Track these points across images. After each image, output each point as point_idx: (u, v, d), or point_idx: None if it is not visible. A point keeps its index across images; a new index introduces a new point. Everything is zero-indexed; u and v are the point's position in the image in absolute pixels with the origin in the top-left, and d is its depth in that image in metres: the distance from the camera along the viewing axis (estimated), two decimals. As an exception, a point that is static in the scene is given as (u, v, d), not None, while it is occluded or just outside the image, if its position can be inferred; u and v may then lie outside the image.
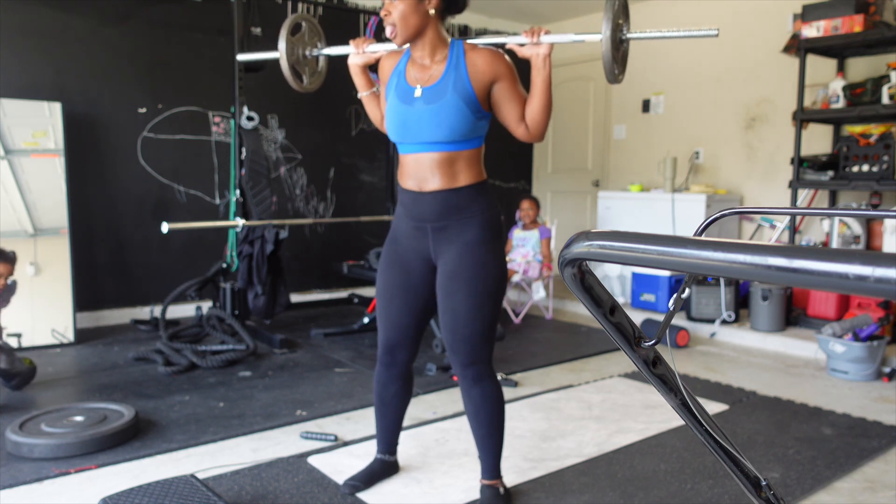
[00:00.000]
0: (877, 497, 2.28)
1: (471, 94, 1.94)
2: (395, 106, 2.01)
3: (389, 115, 2.04)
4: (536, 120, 1.99)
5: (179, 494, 2.02)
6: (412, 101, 1.98)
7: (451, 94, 1.94)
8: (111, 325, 4.67)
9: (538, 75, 1.95)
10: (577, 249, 0.68)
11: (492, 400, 2.09)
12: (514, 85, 1.99)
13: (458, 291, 2.00)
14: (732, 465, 1.02)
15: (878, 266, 0.47)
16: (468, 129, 1.97)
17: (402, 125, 1.99)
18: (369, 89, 2.25)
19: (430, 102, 1.95)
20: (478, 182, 2.05)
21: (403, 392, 2.25)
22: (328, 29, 5.54)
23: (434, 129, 1.95)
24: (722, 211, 0.77)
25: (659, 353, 0.92)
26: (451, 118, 1.93)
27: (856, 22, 4.13)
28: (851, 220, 4.36)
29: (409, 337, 2.15)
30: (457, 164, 2.00)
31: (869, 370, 3.58)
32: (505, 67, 1.97)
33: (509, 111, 2.00)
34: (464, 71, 1.96)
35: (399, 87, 2.03)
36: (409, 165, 2.04)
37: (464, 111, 1.94)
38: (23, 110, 4.15)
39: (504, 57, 1.99)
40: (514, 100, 1.99)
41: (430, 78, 1.99)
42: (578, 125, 6.74)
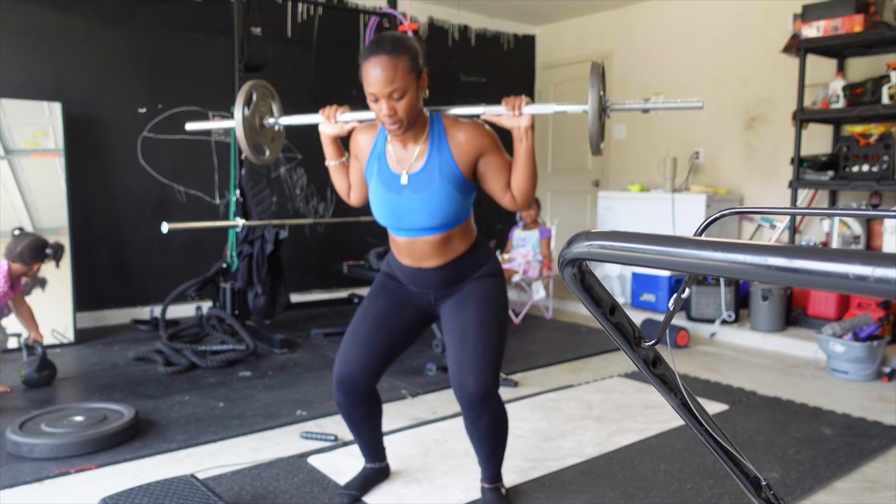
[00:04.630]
0: (877, 497, 2.28)
1: (458, 175, 1.90)
2: (383, 195, 1.95)
3: (377, 203, 1.98)
4: (522, 190, 1.94)
5: (179, 494, 2.02)
6: (400, 190, 1.93)
7: (439, 181, 1.89)
8: (111, 325, 4.67)
9: (520, 146, 1.90)
10: (577, 249, 0.68)
11: (500, 424, 2.03)
12: (498, 157, 1.93)
13: (467, 310, 2.00)
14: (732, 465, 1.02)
15: (878, 266, 0.47)
16: (460, 209, 1.94)
17: (393, 215, 1.95)
18: (339, 159, 2.14)
19: (419, 191, 1.91)
20: (473, 244, 2.05)
21: (372, 410, 2.15)
22: (329, 29, 5.57)
23: (427, 218, 1.92)
24: (722, 211, 0.77)
25: (659, 353, 0.92)
26: (442, 206, 1.90)
27: (856, 22, 4.12)
28: (851, 220, 4.36)
29: (373, 368, 2.05)
30: (452, 240, 1.98)
31: (869, 370, 3.58)
32: (488, 141, 1.91)
33: (495, 183, 1.95)
34: (447, 152, 1.90)
35: (383, 173, 1.96)
36: (403, 245, 2.01)
37: (454, 195, 1.91)
38: (23, 110, 4.15)
39: (485, 129, 1.93)
40: (500, 172, 1.94)
41: (415, 163, 1.92)
42: (578, 125, 6.74)
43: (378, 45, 1.78)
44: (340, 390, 2.05)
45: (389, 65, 1.76)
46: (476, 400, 1.92)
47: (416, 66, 1.81)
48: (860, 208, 4.38)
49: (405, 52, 1.78)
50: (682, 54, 5.78)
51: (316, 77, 5.52)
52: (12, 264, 3.21)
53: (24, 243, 3.23)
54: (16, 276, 3.25)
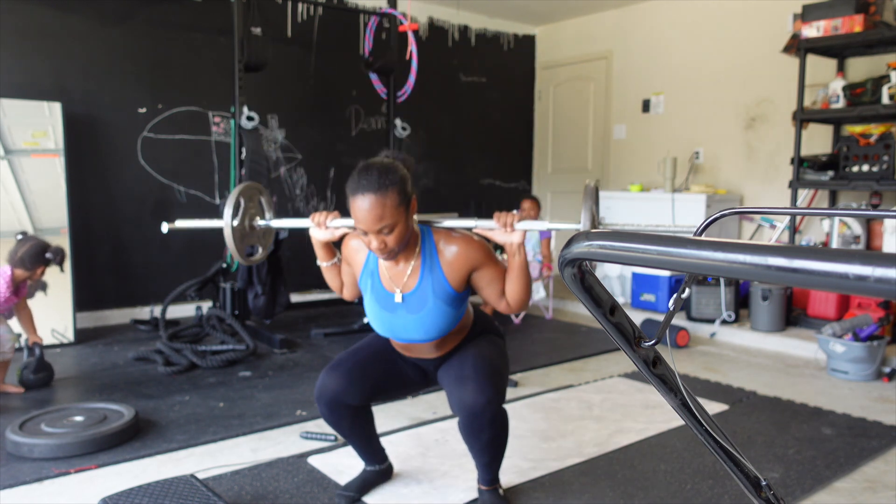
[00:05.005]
0: (877, 497, 2.28)
1: (450, 292, 1.92)
2: (378, 312, 1.99)
3: (372, 318, 2.01)
4: (518, 299, 1.95)
5: (179, 494, 2.02)
6: (394, 309, 1.96)
7: (433, 300, 1.91)
8: (111, 325, 4.67)
9: (514, 261, 1.92)
10: (577, 249, 0.68)
11: (500, 438, 2.00)
12: (491, 269, 1.94)
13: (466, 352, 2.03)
14: (732, 465, 1.02)
15: (878, 266, 0.47)
16: (454, 321, 1.98)
17: (390, 330, 2.01)
18: (330, 260, 2.14)
19: (413, 312, 1.94)
20: (469, 330, 2.10)
21: (361, 421, 2.14)
22: (329, 29, 5.57)
23: (423, 334, 1.97)
24: (722, 211, 0.77)
25: (659, 353, 0.92)
26: (437, 324, 1.94)
27: (856, 22, 4.12)
28: (851, 220, 4.36)
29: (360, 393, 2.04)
30: (450, 337, 2.05)
31: (869, 370, 3.58)
32: (480, 255, 1.92)
33: (490, 293, 1.97)
34: (439, 270, 1.92)
35: (376, 290, 1.98)
36: (401, 346, 2.09)
37: (448, 312, 1.94)
38: (23, 110, 4.15)
39: (475, 242, 1.94)
40: (494, 281, 1.95)
41: (408, 282, 1.94)
42: (578, 125, 6.74)
43: (365, 179, 1.77)
44: (321, 402, 2.04)
45: (377, 203, 1.75)
46: (477, 410, 1.87)
47: (405, 197, 1.81)
48: (860, 208, 4.38)
49: (392, 186, 1.77)
50: (682, 54, 5.77)
51: (316, 77, 5.52)
52: (15, 270, 3.20)
53: (25, 248, 3.22)
54: (19, 282, 3.24)
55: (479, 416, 1.89)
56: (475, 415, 1.88)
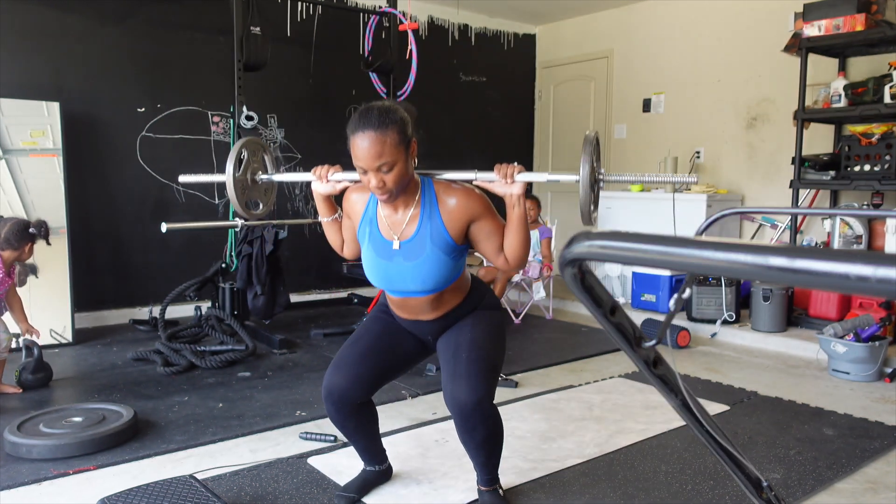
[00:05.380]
0: (878, 498, 2.27)
1: (449, 242, 1.91)
2: (374, 260, 1.97)
3: (369, 268, 2.00)
4: (516, 254, 1.94)
5: (178, 495, 2.02)
6: (391, 257, 1.94)
7: (431, 248, 1.90)
8: (110, 326, 4.67)
9: (513, 213, 1.90)
10: (578, 249, 0.67)
11: (495, 436, 2.01)
12: (490, 221, 1.93)
13: (462, 333, 2.02)
14: (733, 465, 1.01)
15: (879, 266, 0.46)
16: (452, 273, 1.96)
17: (386, 279, 1.98)
18: (331, 215, 2.13)
19: (411, 259, 1.92)
20: (467, 294, 2.07)
21: (366, 419, 2.14)
22: (328, 28, 5.56)
23: (419, 284, 1.94)
24: (723, 211, 0.76)
25: (659, 354, 0.91)
26: (434, 273, 1.92)
27: (857, 21, 4.12)
28: (853, 220, 4.35)
29: (362, 389, 2.04)
30: (445, 296, 2.00)
31: (870, 371, 3.57)
32: (480, 207, 1.92)
33: (488, 247, 1.95)
34: (438, 219, 1.91)
35: (374, 238, 1.97)
36: (397, 302, 2.05)
37: (445, 261, 1.92)
38: (21, 110, 4.14)
39: (476, 194, 1.93)
40: (492, 235, 1.94)
41: (406, 228, 1.93)
42: (579, 125, 6.73)
43: (366, 118, 1.77)
44: (329, 401, 2.04)
45: (377, 140, 1.75)
46: (469, 410, 1.89)
47: (405, 137, 1.80)
48: (862, 208, 4.38)
49: (393, 124, 1.77)
50: (683, 54, 5.77)
51: (315, 76, 5.52)
52: (2, 252, 3.18)
53: (6, 228, 3.18)
54: (9, 263, 3.22)
55: (472, 415, 1.90)
56: (467, 414, 1.90)
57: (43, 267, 4.08)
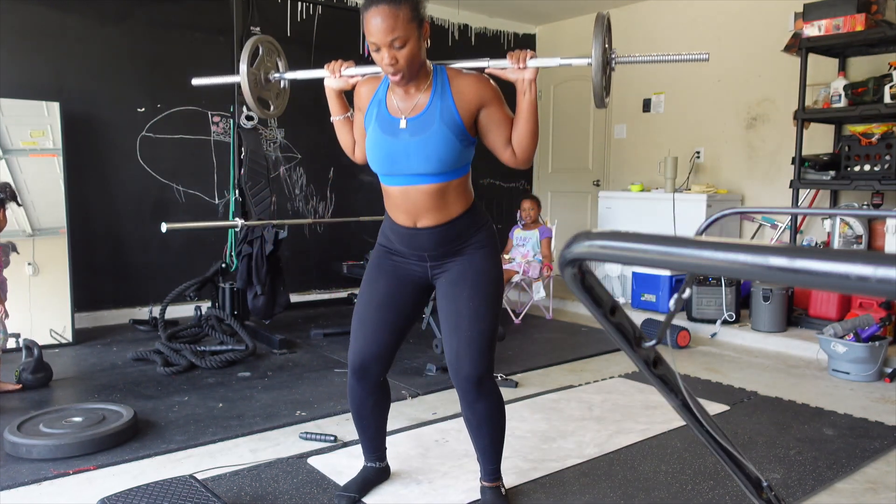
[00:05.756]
0: (878, 498, 2.27)
1: (458, 122, 1.88)
2: (379, 138, 1.92)
3: (372, 147, 1.94)
4: (523, 145, 1.92)
5: (178, 495, 2.02)
6: (397, 133, 1.90)
7: (439, 125, 1.87)
8: (110, 326, 4.67)
9: (523, 99, 1.89)
10: (578, 249, 0.67)
11: (496, 411, 2.05)
12: (500, 109, 1.93)
13: (461, 295, 1.98)
14: (733, 465, 1.01)
15: (879, 266, 0.46)
16: (457, 158, 1.91)
17: (388, 158, 1.92)
18: (343, 114, 2.14)
19: (417, 134, 1.88)
20: (470, 207, 2.02)
21: (382, 402, 2.18)
22: (329, 28, 5.56)
23: (423, 162, 1.88)
24: (723, 211, 0.76)
25: (660, 354, 0.91)
26: (439, 149, 1.87)
27: (857, 21, 4.12)
28: (853, 220, 4.35)
29: (385, 352, 2.07)
30: (448, 195, 1.94)
31: (870, 371, 3.57)
32: (491, 93, 1.91)
33: (496, 136, 1.94)
34: (450, 99, 1.89)
35: (381, 117, 1.94)
36: (398, 198, 1.96)
37: (452, 141, 1.88)
38: (21, 110, 4.14)
39: (489, 81, 1.93)
40: (502, 124, 1.93)
41: (415, 108, 1.91)
42: (579, 125, 6.73)
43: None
44: (356, 377, 2.09)
45: (390, 14, 1.75)
46: (471, 383, 1.97)
47: (418, 14, 1.81)
48: (862, 208, 4.38)
49: (406, 1, 1.78)
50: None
51: (316, 77, 5.51)
52: None
53: None
54: None
55: (474, 389, 1.98)
56: (469, 387, 1.98)
57: (43, 267, 4.08)
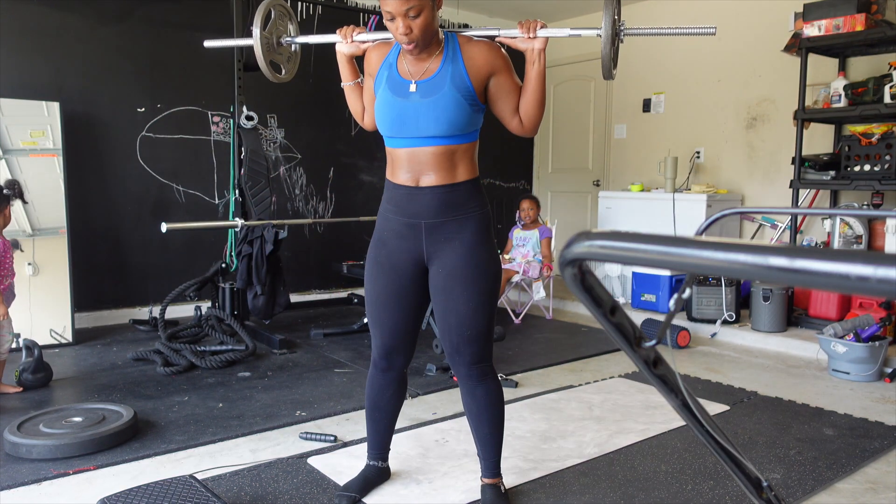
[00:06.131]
0: (878, 498, 2.27)
1: (469, 87, 1.91)
2: (389, 99, 1.94)
3: (381, 108, 1.95)
4: (530, 114, 1.97)
5: (178, 495, 2.02)
6: (407, 95, 1.92)
7: (449, 87, 1.90)
8: (110, 326, 4.67)
9: (532, 68, 1.94)
10: (578, 249, 0.67)
11: (495, 397, 2.09)
12: (510, 77, 1.96)
13: (457, 291, 1.97)
14: (733, 465, 1.01)
15: (879, 266, 0.46)
16: (466, 121, 1.92)
17: (398, 119, 1.92)
18: (354, 80, 2.16)
19: (427, 96, 1.90)
20: (474, 178, 2.01)
21: (399, 395, 2.23)
22: (329, 27, 5.55)
23: (432, 123, 1.89)
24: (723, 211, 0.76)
25: (660, 354, 0.91)
26: (449, 111, 1.89)
27: (857, 21, 4.12)
28: (853, 220, 4.35)
29: (407, 341, 2.12)
30: (454, 158, 1.94)
31: (870, 371, 3.57)
32: (502, 60, 1.95)
33: (505, 104, 1.98)
34: (461, 64, 1.92)
35: (391, 79, 1.96)
36: (403, 159, 1.96)
37: (462, 104, 1.90)
38: (21, 110, 4.14)
39: (500, 49, 1.96)
40: (511, 92, 1.97)
41: (426, 72, 1.93)
42: (579, 125, 6.73)
43: None
44: (379, 367, 2.15)
45: None
46: (471, 366, 2.02)
47: None
48: (862, 208, 4.38)
49: None
50: (683, 54, 5.77)
51: (315, 76, 5.51)
52: None
53: None
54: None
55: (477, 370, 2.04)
56: (470, 373, 2.04)
57: (43, 267, 4.08)
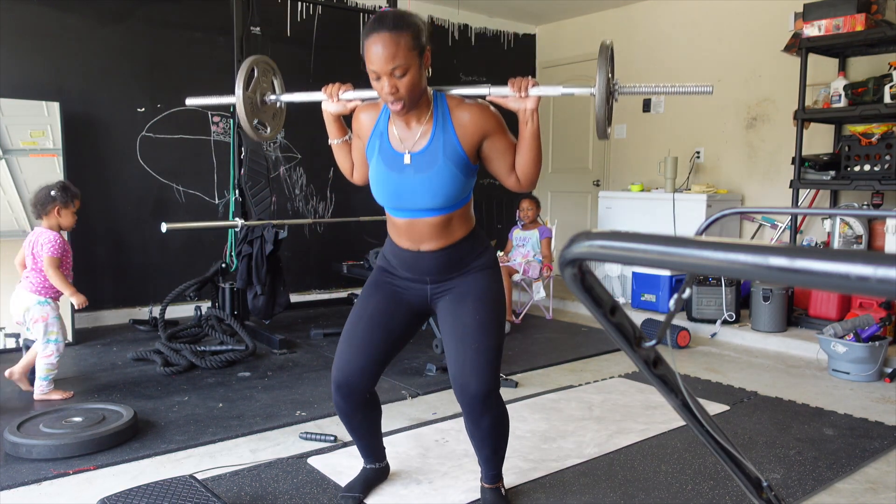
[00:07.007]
0: (878, 498, 2.27)
1: (462, 156, 1.87)
2: (384, 173, 1.91)
3: (377, 182, 1.94)
4: (527, 172, 1.92)
5: (178, 495, 2.02)
6: (402, 169, 1.89)
7: (443, 161, 1.86)
8: (110, 326, 4.67)
9: (526, 128, 1.87)
10: (578, 249, 0.67)
11: (501, 425, 2.02)
12: (503, 138, 1.91)
13: (465, 311, 1.96)
14: (733, 465, 1.01)
15: (879, 266, 0.46)
16: (462, 190, 1.91)
17: (394, 193, 1.91)
18: (342, 137, 2.09)
19: (422, 171, 1.87)
20: (472, 230, 2.01)
21: (371, 414, 2.14)
22: (329, 28, 5.56)
23: (429, 199, 1.88)
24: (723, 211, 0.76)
25: (660, 354, 0.91)
26: (445, 187, 1.87)
27: (857, 21, 4.11)
28: (853, 220, 4.35)
29: (371, 368, 2.01)
30: (452, 223, 1.95)
31: (870, 371, 3.57)
32: (494, 123, 1.89)
33: (500, 164, 1.93)
34: (452, 132, 1.87)
35: (384, 151, 1.92)
36: (403, 227, 1.96)
37: (457, 176, 1.88)
38: (21, 110, 4.14)
39: (490, 110, 1.90)
40: (506, 153, 1.92)
41: (418, 142, 1.89)
42: (579, 125, 6.73)
43: (380, 21, 1.76)
44: (339, 394, 2.02)
45: (391, 41, 1.73)
46: (478, 400, 1.91)
47: (419, 43, 1.78)
48: (862, 208, 4.38)
49: (407, 28, 1.75)
50: (683, 54, 5.77)
51: (315, 76, 5.51)
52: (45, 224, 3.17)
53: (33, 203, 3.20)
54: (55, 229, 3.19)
55: (481, 405, 1.92)
56: (476, 403, 1.92)
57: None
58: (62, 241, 3.19)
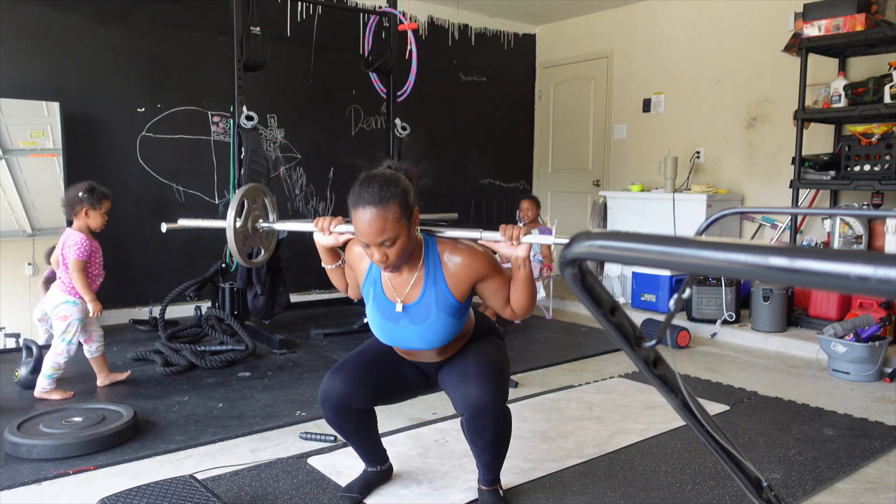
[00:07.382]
0: (878, 498, 2.27)
1: (454, 304, 1.92)
2: (380, 321, 1.98)
3: (374, 325, 2.01)
4: (522, 307, 1.95)
5: (178, 495, 2.02)
6: (396, 319, 1.95)
7: (437, 313, 1.91)
8: (110, 326, 4.66)
9: (518, 273, 1.91)
10: (578, 249, 0.67)
11: (503, 436, 2.01)
12: (497, 278, 1.94)
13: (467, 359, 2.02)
14: (733, 465, 1.01)
15: (879, 266, 0.46)
16: (457, 328, 1.98)
17: (391, 339, 2.01)
18: (335, 263, 2.11)
19: (416, 323, 1.93)
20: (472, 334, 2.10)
21: (364, 422, 2.14)
22: (328, 28, 5.56)
23: (425, 344, 1.97)
24: (723, 211, 0.76)
25: (660, 354, 0.91)
26: (440, 334, 1.94)
27: (857, 21, 4.11)
28: (853, 220, 4.35)
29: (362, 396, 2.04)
30: (451, 345, 2.04)
31: (870, 371, 3.57)
32: (485, 267, 1.92)
33: (495, 301, 1.97)
34: (443, 282, 1.91)
35: (378, 299, 1.97)
36: (403, 352, 2.08)
37: (450, 322, 1.93)
38: (21, 110, 4.14)
39: (480, 253, 1.93)
40: (499, 291, 1.95)
41: (409, 292, 1.93)
42: (579, 125, 6.73)
43: (367, 192, 1.75)
44: (326, 405, 2.05)
45: (379, 216, 1.73)
46: (480, 408, 1.89)
47: (407, 209, 1.78)
48: (862, 208, 4.38)
49: (394, 199, 1.75)
50: (683, 54, 5.77)
51: (315, 76, 5.51)
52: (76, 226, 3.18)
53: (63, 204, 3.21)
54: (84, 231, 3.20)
55: (483, 413, 1.90)
56: (479, 412, 1.90)
57: (43, 267, 4.07)
58: (89, 243, 3.20)
